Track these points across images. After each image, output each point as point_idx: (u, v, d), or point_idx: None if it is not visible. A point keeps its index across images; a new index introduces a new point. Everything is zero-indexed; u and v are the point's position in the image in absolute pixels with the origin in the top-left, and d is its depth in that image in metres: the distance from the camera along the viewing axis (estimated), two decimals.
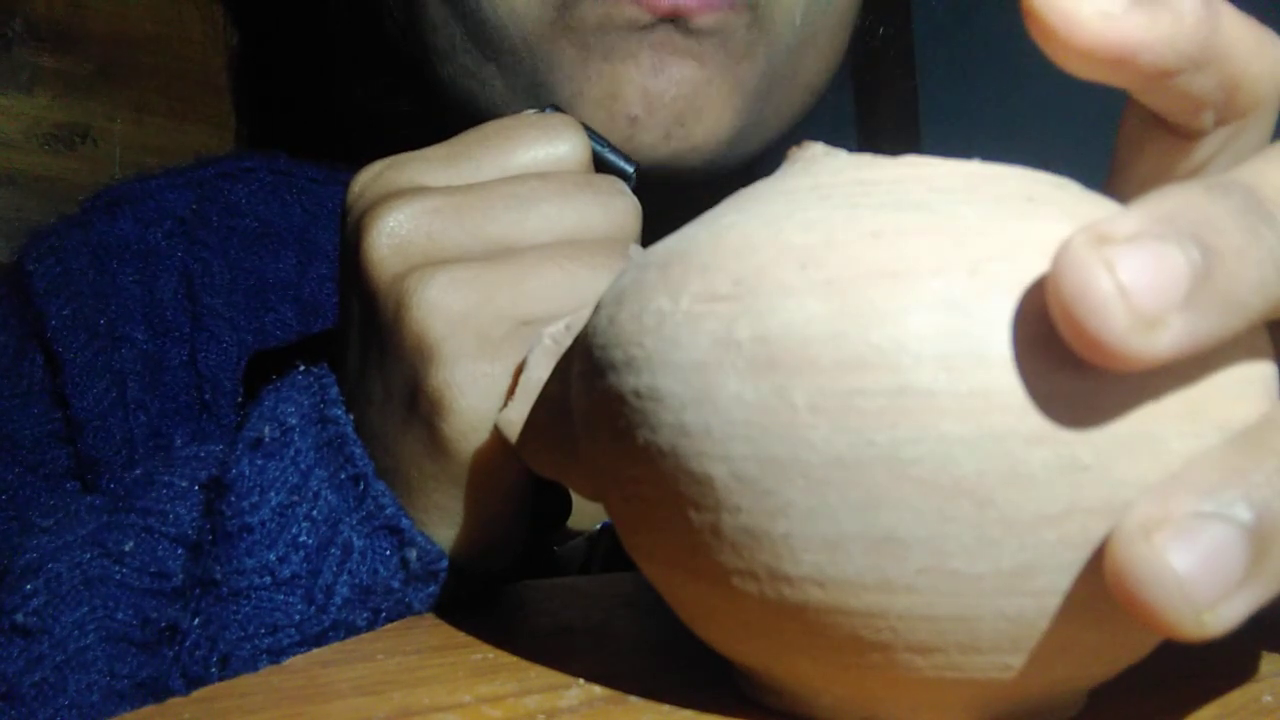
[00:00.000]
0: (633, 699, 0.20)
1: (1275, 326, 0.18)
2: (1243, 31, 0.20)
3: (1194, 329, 0.15)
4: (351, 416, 0.28)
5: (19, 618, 0.28)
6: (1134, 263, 0.15)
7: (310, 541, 0.27)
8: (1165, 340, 0.15)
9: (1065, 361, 0.15)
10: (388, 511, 0.27)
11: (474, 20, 0.44)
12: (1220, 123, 0.22)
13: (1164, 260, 0.15)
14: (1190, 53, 0.19)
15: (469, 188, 0.29)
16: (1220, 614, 0.15)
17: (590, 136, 0.32)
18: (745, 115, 0.45)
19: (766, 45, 0.44)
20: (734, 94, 0.44)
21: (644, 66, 0.42)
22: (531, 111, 0.33)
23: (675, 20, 0.41)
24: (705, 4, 0.41)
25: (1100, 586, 0.16)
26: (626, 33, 0.41)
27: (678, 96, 0.42)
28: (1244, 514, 0.15)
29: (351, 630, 0.27)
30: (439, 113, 0.48)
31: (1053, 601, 0.16)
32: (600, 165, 0.33)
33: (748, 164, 0.47)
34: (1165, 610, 0.14)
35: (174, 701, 0.20)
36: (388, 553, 0.27)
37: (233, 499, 0.27)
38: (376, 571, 0.27)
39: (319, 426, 0.28)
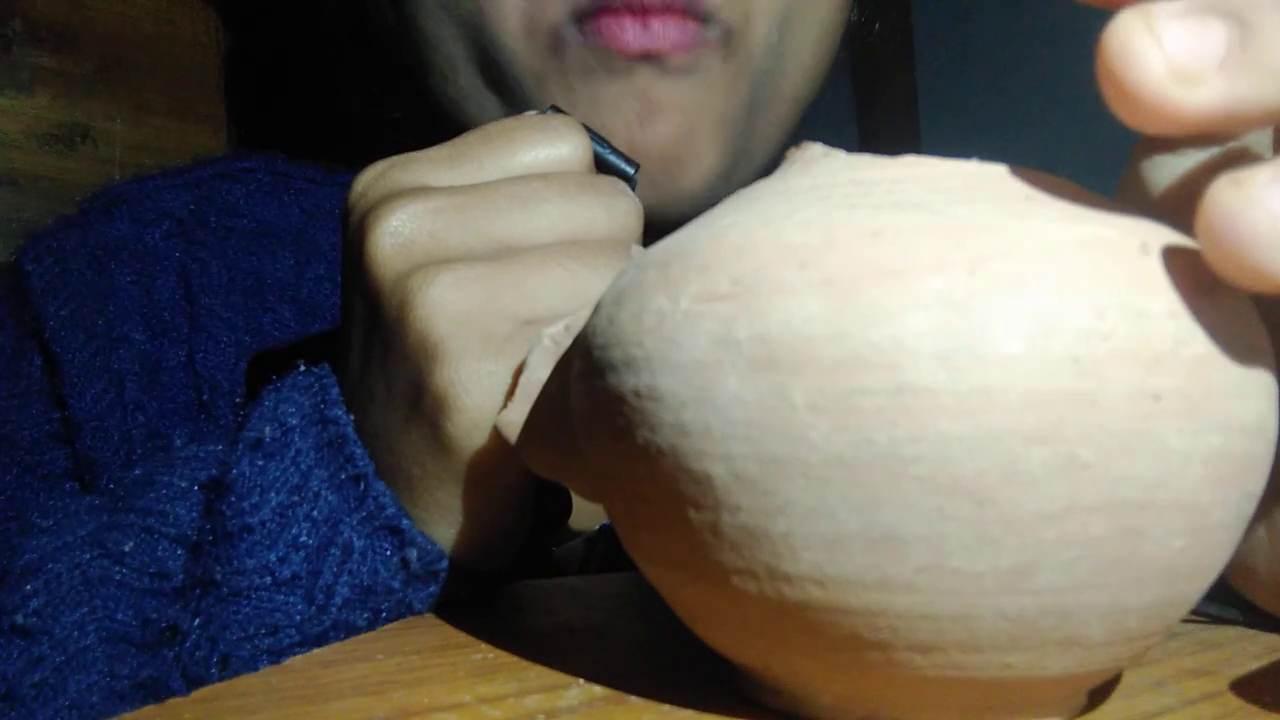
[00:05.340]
0: (633, 699, 0.20)
1: (1275, 327, 0.18)
2: None
3: (1231, 89, 0.16)
4: (352, 416, 0.28)
5: (19, 618, 0.28)
6: (1174, 26, 0.16)
7: (310, 542, 0.27)
8: (1203, 95, 0.16)
9: (1064, 360, 0.15)
10: (388, 512, 0.27)
11: (477, 47, 0.44)
12: None
13: (1203, 27, 0.16)
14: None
15: (472, 188, 0.29)
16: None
17: (591, 138, 0.32)
18: (731, 153, 0.45)
19: (746, 73, 0.45)
20: (718, 136, 0.44)
21: (629, 118, 0.42)
22: (533, 113, 0.33)
23: (651, 60, 0.41)
24: (675, 43, 0.41)
25: (1100, 586, 0.16)
26: (608, 77, 0.42)
27: (665, 151, 0.43)
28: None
29: (351, 630, 0.27)
30: (433, 118, 0.48)
31: (1053, 601, 0.16)
32: (601, 166, 0.33)
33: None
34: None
35: (174, 702, 0.20)
36: (388, 553, 0.27)
37: (233, 499, 0.27)
38: (377, 572, 0.27)
39: (319, 427, 0.28)
